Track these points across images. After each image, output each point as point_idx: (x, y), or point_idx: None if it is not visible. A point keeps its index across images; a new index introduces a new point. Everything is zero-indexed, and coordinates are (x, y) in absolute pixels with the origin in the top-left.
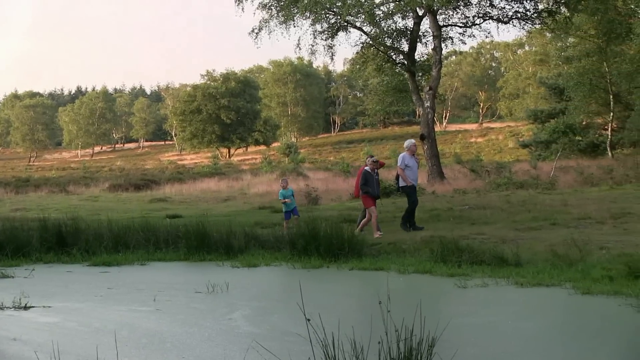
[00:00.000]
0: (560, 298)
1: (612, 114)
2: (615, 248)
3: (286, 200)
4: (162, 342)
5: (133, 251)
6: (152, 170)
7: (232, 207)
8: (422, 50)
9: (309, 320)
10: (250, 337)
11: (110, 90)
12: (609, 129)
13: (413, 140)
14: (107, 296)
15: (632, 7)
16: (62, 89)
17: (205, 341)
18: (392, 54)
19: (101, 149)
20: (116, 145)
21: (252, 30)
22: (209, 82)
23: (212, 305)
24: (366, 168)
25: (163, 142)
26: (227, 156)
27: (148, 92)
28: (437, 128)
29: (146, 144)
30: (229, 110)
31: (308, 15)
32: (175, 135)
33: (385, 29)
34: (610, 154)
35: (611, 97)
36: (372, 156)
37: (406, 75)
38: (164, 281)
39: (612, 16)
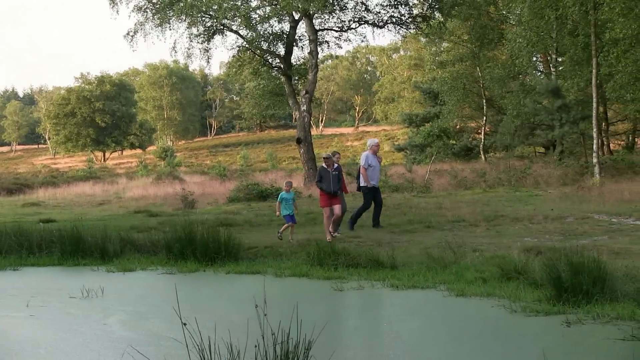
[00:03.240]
0: (435, 300)
1: (485, 118)
2: (488, 250)
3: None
4: (36, 349)
5: (5, 256)
6: (25, 174)
7: (107, 211)
8: (299, 54)
9: (185, 324)
10: (126, 342)
11: None
12: (482, 133)
13: (377, 140)
14: None
15: (504, 13)
16: None
17: (80, 347)
18: (268, 57)
19: None
20: None
21: (128, 33)
22: (83, 85)
23: (87, 311)
24: (323, 165)
25: (36, 146)
26: (102, 160)
27: (21, 95)
28: (314, 132)
29: (19, 147)
30: (104, 113)
31: (184, 18)
32: (49, 138)
33: (261, 33)
34: (483, 157)
35: (484, 101)
36: (331, 153)
37: (282, 79)
38: (37, 286)
39: (484, 22)
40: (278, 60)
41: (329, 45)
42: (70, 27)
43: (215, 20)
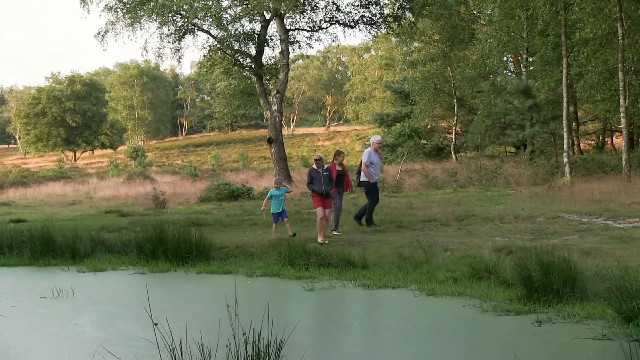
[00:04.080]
0: (407, 299)
1: (456, 118)
2: (459, 250)
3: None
4: (6, 349)
5: None
6: None
7: (78, 211)
8: (270, 54)
9: (156, 324)
10: (97, 343)
11: None
12: (453, 133)
13: (379, 137)
14: None
15: (475, 13)
16: None
17: (50, 347)
18: (239, 57)
19: None
20: None
21: (98, 33)
22: (54, 84)
23: (58, 311)
24: (313, 166)
25: (6, 146)
26: (73, 160)
27: None
28: (285, 131)
29: None
30: (74, 113)
31: (155, 18)
32: (20, 138)
33: (232, 33)
34: (454, 157)
35: (455, 101)
36: (336, 153)
37: (254, 78)
38: (7, 287)
39: (455, 22)
40: (249, 60)
41: (300, 45)
42: (41, 26)
43: (186, 20)
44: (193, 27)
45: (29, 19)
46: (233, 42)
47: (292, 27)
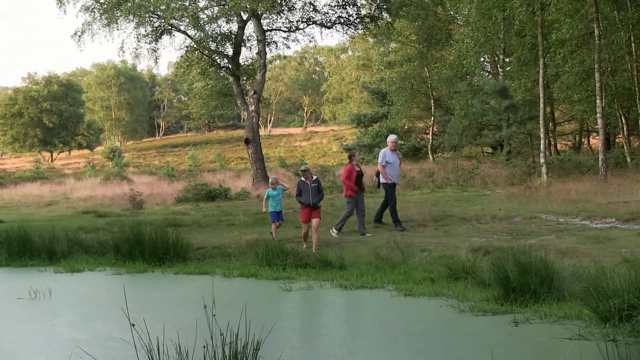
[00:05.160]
0: (384, 300)
1: (433, 118)
2: (437, 250)
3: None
4: None
5: None
6: None
7: (55, 212)
8: (247, 54)
9: (133, 325)
10: (74, 343)
11: None
12: (430, 133)
13: (395, 136)
14: None
15: (452, 13)
16: None
17: (27, 348)
18: (216, 57)
19: None
20: None
21: (75, 33)
22: (30, 85)
23: (35, 312)
24: (301, 178)
25: None
26: (50, 160)
27: None
28: (262, 132)
29: None
30: (51, 113)
31: (132, 18)
32: None
33: (209, 33)
34: (431, 157)
35: (432, 101)
36: (351, 153)
37: (231, 79)
38: None
39: (432, 22)
40: (226, 61)
41: (277, 46)
42: (18, 26)
43: (163, 21)
44: (170, 27)
45: (3, 19)
46: (210, 42)
47: (269, 28)
